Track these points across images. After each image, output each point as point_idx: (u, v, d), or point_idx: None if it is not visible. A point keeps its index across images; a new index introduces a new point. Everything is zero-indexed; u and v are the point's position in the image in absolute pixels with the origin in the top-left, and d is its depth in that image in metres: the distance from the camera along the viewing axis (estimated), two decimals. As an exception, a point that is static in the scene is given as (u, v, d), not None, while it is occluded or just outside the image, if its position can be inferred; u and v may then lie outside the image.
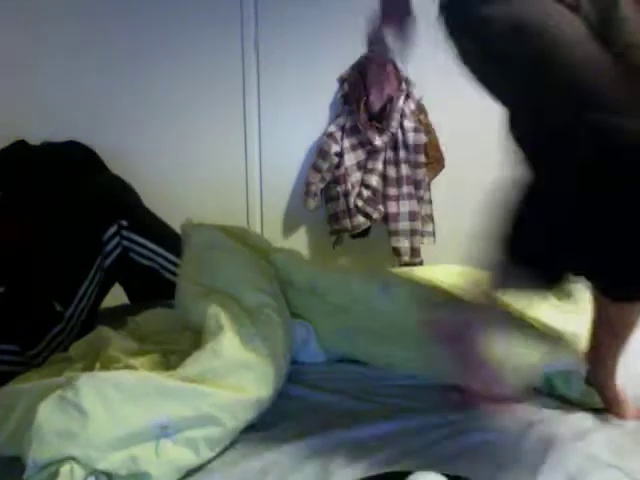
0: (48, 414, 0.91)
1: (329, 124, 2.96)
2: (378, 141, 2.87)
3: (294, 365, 1.29)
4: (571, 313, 1.40)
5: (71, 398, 0.94)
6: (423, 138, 2.92)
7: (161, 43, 2.75)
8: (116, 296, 1.76)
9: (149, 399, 0.95)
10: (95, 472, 0.89)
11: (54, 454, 0.88)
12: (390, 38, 1.03)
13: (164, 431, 0.93)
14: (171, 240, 1.71)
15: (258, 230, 2.97)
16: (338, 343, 1.37)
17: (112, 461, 0.89)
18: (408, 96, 2.94)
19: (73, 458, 0.88)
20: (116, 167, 2.31)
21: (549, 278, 1.04)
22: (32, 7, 2.60)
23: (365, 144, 2.91)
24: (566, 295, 1.48)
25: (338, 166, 2.88)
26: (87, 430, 0.90)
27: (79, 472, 0.88)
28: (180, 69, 2.76)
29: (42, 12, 2.61)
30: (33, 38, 2.60)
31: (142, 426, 0.93)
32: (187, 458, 0.95)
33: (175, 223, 1.77)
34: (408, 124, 2.90)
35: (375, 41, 1.08)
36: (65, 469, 0.87)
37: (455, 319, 1.10)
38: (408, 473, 0.87)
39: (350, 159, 2.90)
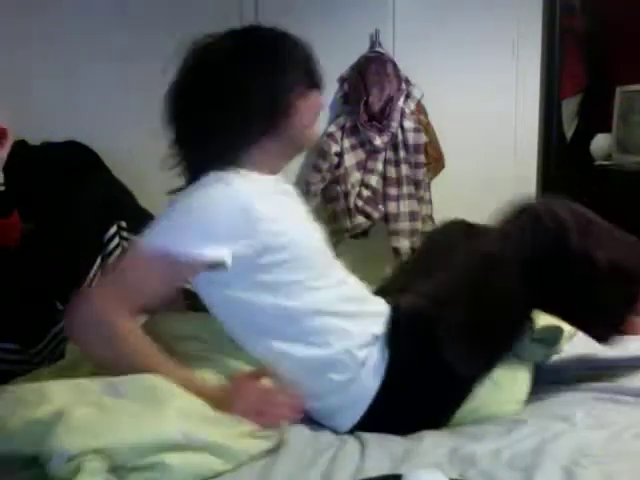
0: (79, 410, 0.94)
1: (329, 124, 2.96)
2: (378, 141, 2.87)
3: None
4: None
5: (100, 398, 0.98)
6: (423, 138, 2.92)
7: (161, 43, 2.74)
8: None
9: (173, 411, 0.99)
10: (117, 467, 0.91)
11: (82, 447, 0.89)
12: None
13: (187, 438, 0.95)
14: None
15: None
16: None
17: (134, 458, 0.91)
18: (408, 96, 2.94)
19: (98, 451, 0.89)
20: (116, 167, 2.32)
21: None
22: (31, 6, 2.60)
23: (365, 144, 2.92)
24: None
25: (338, 166, 2.88)
26: (115, 427, 0.93)
27: (101, 465, 0.89)
28: (180, 69, 2.76)
29: (42, 13, 2.61)
30: (33, 38, 2.60)
31: (166, 431, 0.94)
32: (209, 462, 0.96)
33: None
34: (408, 124, 2.91)
35: None
36: (88, 463, 0.88)
37: None
38: (400, 477, 0.88)
39: (350, 159, 2.90)
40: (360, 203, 2.86)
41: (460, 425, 1.16)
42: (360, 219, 2.85)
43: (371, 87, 2.89)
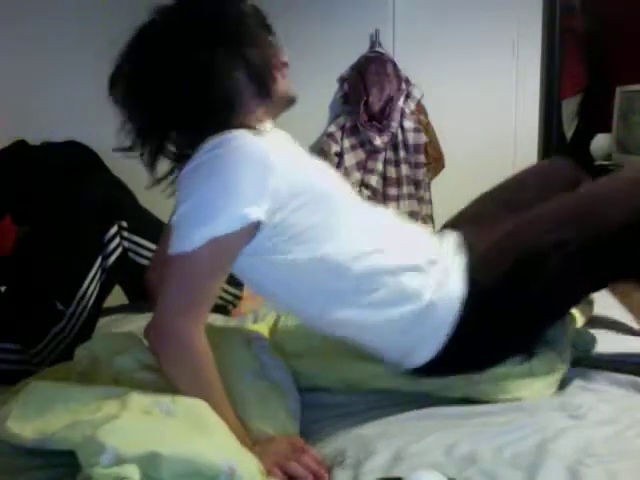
0: (131, 415, 0.94)
1: (329, 124, 2.97)
2: (378, 141, 2.87)
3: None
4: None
5: (150, 409, 0.97)
6: (423, 138, 2.92)
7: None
8: (116, 296, 1.76)
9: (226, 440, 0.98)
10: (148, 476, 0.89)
11: (131, 449, 0.88)
12: None
13: (231, 471, 0.92)
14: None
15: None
16: None
17: (174, 474, 0.90)
18: (408, 96, 2.94)
19: (147, 457, 0.88)
20: (116, 167, 2.31)
21: None
22: (32, 7, 2.60)
23: (365, 144, 2.92)
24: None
25: (338, 166, 2.88)
26: (167, 438, 0.92)
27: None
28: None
29: (42, 12, 2.62)
30: (33, 38, 2.60)
31: (214, 459, 0.92)
32: None
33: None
34: (408, 124, 2.91)
35: None
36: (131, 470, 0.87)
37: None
38: (400, 479, 0.88)
39: (350, 159, 2.90)
40: (360, 203, 2.86)
41: (464, 419, 1.15)
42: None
43: (371, 87, 2.89)
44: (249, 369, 1.19)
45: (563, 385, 1.22)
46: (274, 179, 1.05)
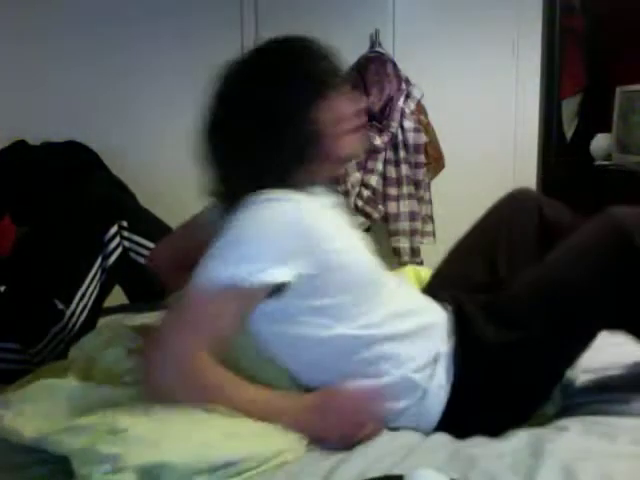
0: (129, 419, 0.93)
1: (329, 124, 2.96)
2: (378, 141, 2.87)
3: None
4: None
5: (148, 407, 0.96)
6: (423, 138, 2.92)
7: (162, 44, 2.75)
8: (116, 296, 1.76)
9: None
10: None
11: (131, 457, 0.88)
12: None
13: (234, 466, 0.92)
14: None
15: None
16: None
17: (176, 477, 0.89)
18: (408, 96, 2.94)
19: (148, 464, 0.88)
20: (115, 167, 2.32)
21: None
22: (33, 6, 2.60)
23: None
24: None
25: (338, 166, 2.88)
26: (167, 442, 0.91)
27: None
28: (180, 70, 2.76)
29: (43, 11, 2.62)
30: (33, 38, 2.60)
31: (217, 454, 0.92)
32: None
33: (175, 223, 1.78)
34: (408, 124, 2.91)
35: None
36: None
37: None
38: (401, 477, 0.88)
39: (350, 159, 2.90)
40: (360, 203, 2.86)
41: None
42: (360, 219, 2.85)
43: (371, 87, 2.89)
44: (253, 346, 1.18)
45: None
46: (317, 246, 1.06)
